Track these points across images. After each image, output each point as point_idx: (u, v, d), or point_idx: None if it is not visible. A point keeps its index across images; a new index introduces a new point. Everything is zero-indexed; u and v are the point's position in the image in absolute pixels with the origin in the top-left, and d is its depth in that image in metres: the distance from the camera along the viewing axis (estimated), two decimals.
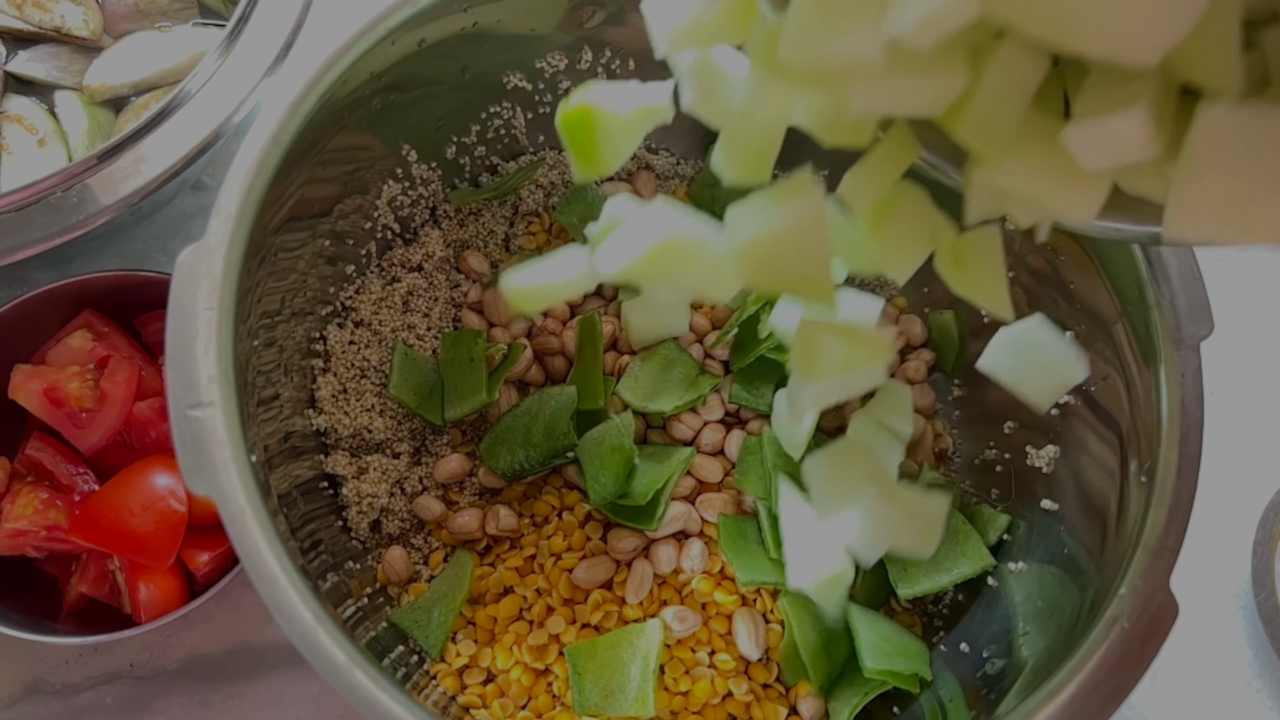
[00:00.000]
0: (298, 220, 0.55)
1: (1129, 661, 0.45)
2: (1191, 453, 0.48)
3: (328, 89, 0.51)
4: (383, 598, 0.59)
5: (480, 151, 0.66)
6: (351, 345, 0.61)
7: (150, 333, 0.64)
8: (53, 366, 0.60)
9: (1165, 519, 0.47)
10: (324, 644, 0.42)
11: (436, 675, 0.57)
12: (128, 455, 0.60)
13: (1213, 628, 0.68)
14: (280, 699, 0.63)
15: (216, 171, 0.73)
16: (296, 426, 0.57)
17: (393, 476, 0.60)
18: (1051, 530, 0.56)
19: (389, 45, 0.53)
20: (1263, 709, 0.66)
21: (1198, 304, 0.49)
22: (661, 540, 0.59)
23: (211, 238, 0.46)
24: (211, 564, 0.59)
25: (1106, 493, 0.52)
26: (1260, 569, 0.66)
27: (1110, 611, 0.46)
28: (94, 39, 0.69)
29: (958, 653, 0.57)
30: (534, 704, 0.56)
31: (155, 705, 0.62)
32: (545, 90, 0.65)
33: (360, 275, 0.63)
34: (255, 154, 0.48)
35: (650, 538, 0.59)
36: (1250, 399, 0.74)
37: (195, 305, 0.45)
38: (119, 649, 0.63)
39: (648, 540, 0.59)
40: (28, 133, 0.65)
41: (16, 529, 0.57)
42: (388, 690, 0.43)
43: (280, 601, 0.43)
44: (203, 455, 0.43)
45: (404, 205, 0.64)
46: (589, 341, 0.62)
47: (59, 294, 0.60)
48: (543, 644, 0.57)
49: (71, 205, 0.57)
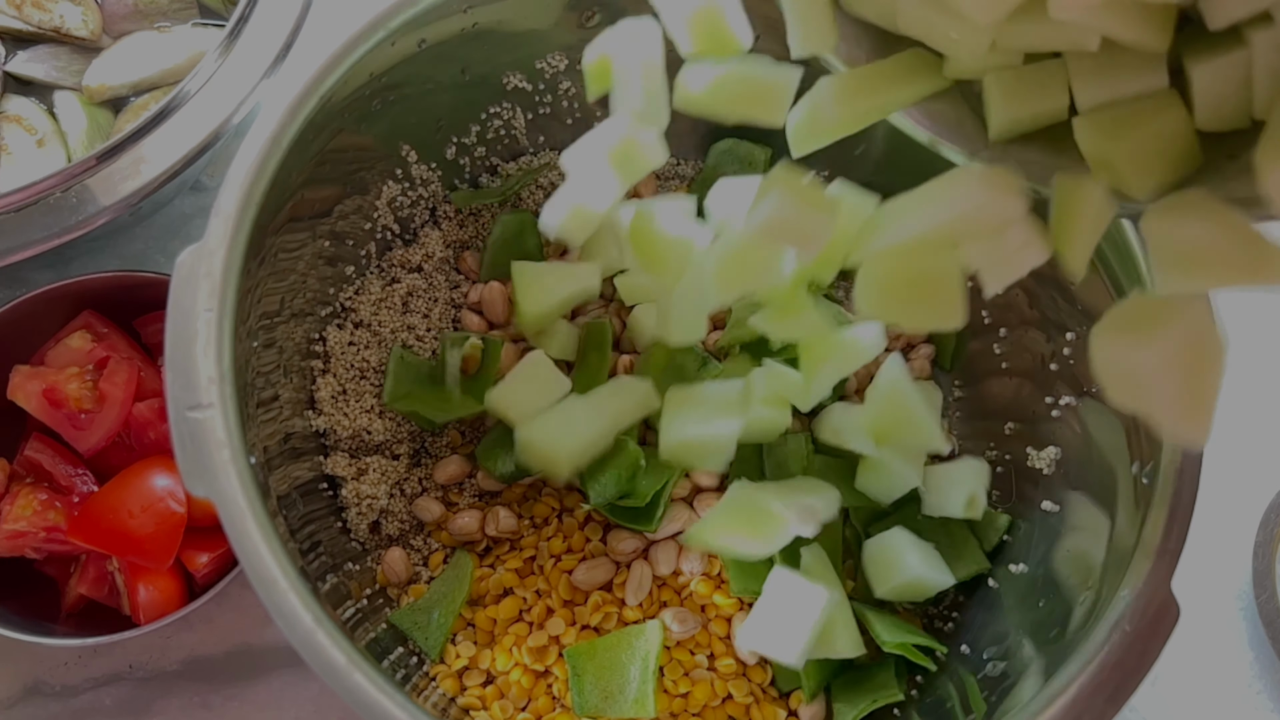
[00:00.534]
0: (297, 221, 0.55)
1: (1130, 663, 0.45)
2: (1193, 454, 0.48)
3: (328, 90, 0.51)
4: (382, 599, 0.59)
5: (480, 152, 0.66)
6: (351, 346, 0.61)
7: (150, 334, 0.64)
8: (52, 367, 0.60)
9: (1166, 520, 0.47)
10: (323, 646, 0.42)
11: (436, 677, 0.57)
12: (127, 456, 0.60)
13: (1214, 630, 0.68)
14: (280, 701, 0.63)
15: (216, 172, 0.73)
16: (296, 428, 0.57)
17: (392, 478, 0.60)
18: (1052, 532, 0.56)
19: (389, 46, 0.53)
20: (1264, 711, 0.66)
21: None
22: (661, 542, 0.59)
23: (211, 239, 0.46)
24: (211, 565, 0.59)
25: (1107, 494, 0.52)
26: (1261, 571, 0.66)
27: (1112, 613, 0.46)
28: (93, 39, 0.69)
29: (959, 655, 0.56)
30: (534, 705, 0.56)
31: (155, 707, 0.62)
32: (545, 91, 0.65)
33: (360, 276, 0.63)
34: (255, 155, 0.48)
35: (650, 539, 0.59)
36: (1251, 400, 0.74)
37: (195, 306, 0.45)
38: (118, 650, 0.63)
39: (647, 542, 0.59)
40: (27, 133, 0.65)
41: (16, 530, 0.57)
42: (387, 692, 0.43)
43: (279, 603, 0.43)
44: (202, 457, 0.43)
45: (404, 206, 0.64)
46: (595, 346, 0.61)
47: (58, 295, 0.60)
48: (542, 645, 0.57)
49: (71, 206, 0.57)
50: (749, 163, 0.67)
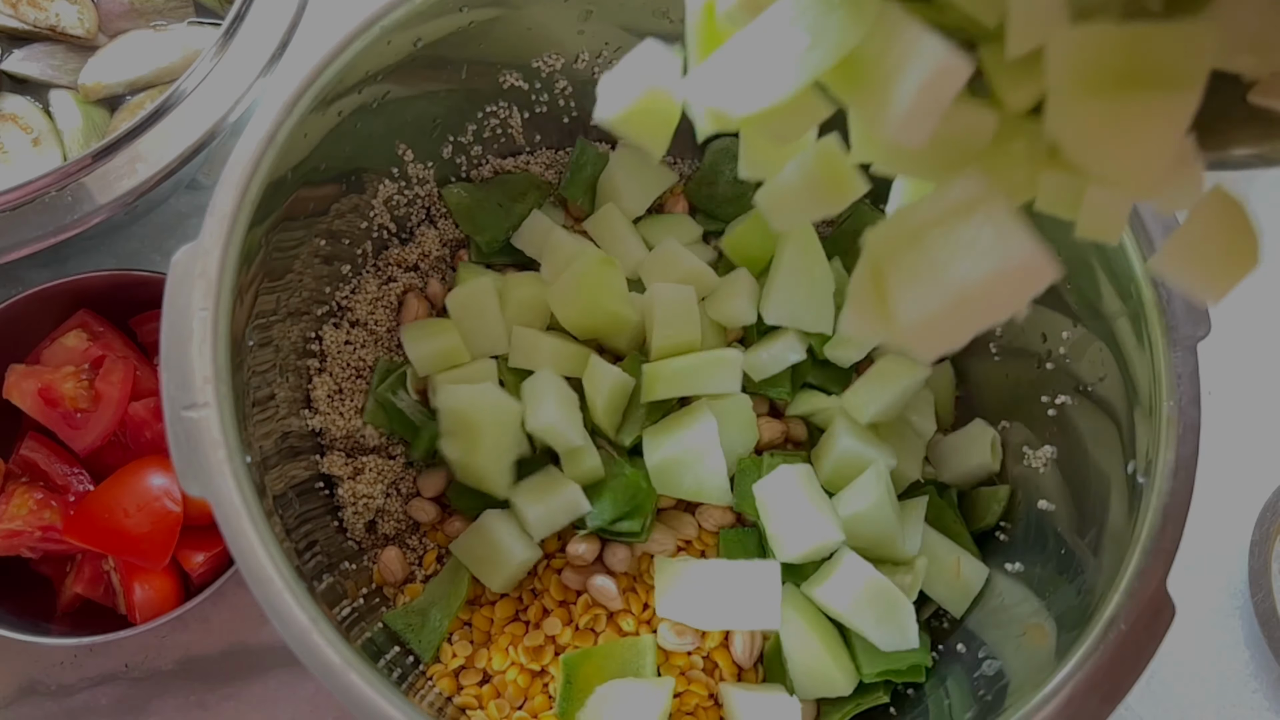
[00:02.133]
0: (293, 220, 0.54)
1: (1125, 662, 0.45)
2: (1188, 454, 0.48)
3: (323, 88, 0.51)
4: (379, 598, 0.59)
5: (477, 151, 0.66)
6: (347, 345, 0.61)
7: (145, 332, 0.64)
8: (47, 366, 0.60)
9: (1162, 520, 0.47)
10: (319, 646, 0.42)
11: (433, 676, 0.57)
12: (123, 455, 0.60)
13: (1210, 629, 0.68)
14: (275, 700, 0.63)
15: (212, 171, 0.73)
16: (292, 427, 0.57)
17: (388, 477, 0.60)
18: (1048, 531, 0.56)
19: (385, 45, 0.53)
20: (1260, 709, 0.66)
21: (1195, 305, 0.49)
22: (654, 550, 0.59)
23: (207, 237, 0.46)
24: (206, 565, 0.59)
25: (1103, 494, 0.52)
26: (1257, 570, 0.66)
27: (1107, 612, 0.46)
28: (89, 38, 0.69)
29: (955, 654, 0.57)
30: (530, 705, 0.56)
31: (150, 706, 0.62)
32: (542, 90, 0.64)
33: (356, 275, 0.63)
34: (251, 153, 0.48)
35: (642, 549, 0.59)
36: (1247, 400, 0.74)
37: (190, 305, 0.45)
38: (114, 650, 0.63)
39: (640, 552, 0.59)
40: (22, 132, 0.65)
41: (11, 529, 0.57)
42: (382, 692, 0.42)
43: (275, 603, 0.43)
44: (198, 456, 0.43)
45: (400, 205, 0.64)
46: None
47: (54, 293, 0.60)
48: (538, 645, 0.57)
49: (66, 205, 0.57)
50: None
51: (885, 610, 0.53)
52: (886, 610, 0.53)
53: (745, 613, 0.53)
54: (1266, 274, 0.78)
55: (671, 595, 0.55)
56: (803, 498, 0.55)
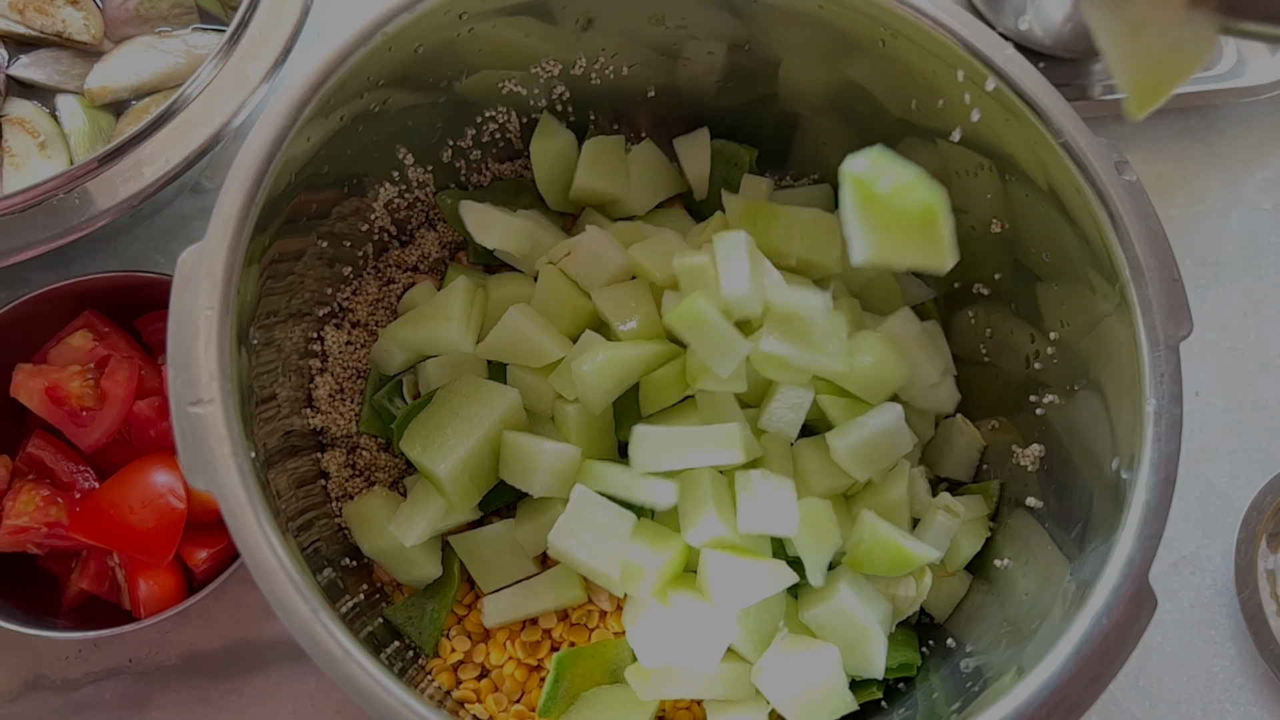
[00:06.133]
0: (296, 222, 0.55)
1: (1108, 653, 0.45)
2: (1171, 451, 0.49)
3: (327, 93, 0.51)
4: (378, 595, 0.60)
5: (475, 155, 0.67)
6: (348, 346, 0.62)
7: (150, 333, 0.64)
8: (54, 366, 0.60)
9: (1143, 515, 0.47)
10: (321, 635, 0.43)
11: (432, 670, 0.58)
12: (128, 453, 0.61)
13: (1197, 626, 0.68)
14: (277, 694, 0.63)
15: (216, 174, 0.74)
16: (295, 425, 0.58)
17: (389, 476, 0.61)
18: (1035, 527, 0.57)
19: (386, 51, 0.54)
20: (1246, 705, 0.67)
21: (1177, 305, 0.50)
22: None
23: (212, 239, 0.47)
24: (210, 561, 0.59)
25: (1088, 490, 0.53)
26: (1243, 568, 0.67)
27: (1091, 605, 0.47)
28: (95, 43, 0.70)
29: (944, 647, 0.57)
30: (527, 699, 0.57)
31: (154, 700, 0.63)
32: (540, 95, 0.65)
33: (357, 277, 0.64)
34: (254, 157, 0.49)
35: None
36: (1234, 399, 0.75)
37: (196, 305, 0.46)
38: (118, 645, 0.64)
39: None
40: (29, 136, 0.66)
41: (18, 526, 0.57)
42: (383, 681, 0.43)
43: (279, 593, 0.43)
44: (203, 451, 0.44)
45: (400, 208, 0.65)
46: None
47: (60, 295, 0.61)
48: (535, 640, 0.58)
49: (72, 207, 0.58)
50: (735, 163, 0.68)
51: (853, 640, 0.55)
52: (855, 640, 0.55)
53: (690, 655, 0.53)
54: (1256, 274, 0.80)
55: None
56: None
